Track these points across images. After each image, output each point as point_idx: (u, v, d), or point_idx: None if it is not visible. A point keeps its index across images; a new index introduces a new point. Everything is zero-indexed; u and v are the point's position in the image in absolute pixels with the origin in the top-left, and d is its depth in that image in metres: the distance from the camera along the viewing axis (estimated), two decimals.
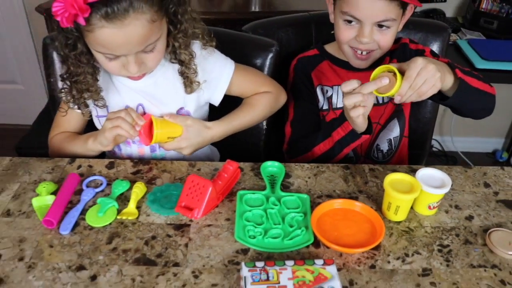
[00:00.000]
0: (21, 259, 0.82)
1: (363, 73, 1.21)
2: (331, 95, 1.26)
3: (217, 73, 1.14)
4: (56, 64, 1.29)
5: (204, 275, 0.79)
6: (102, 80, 1.08)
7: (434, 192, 0.89)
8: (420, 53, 1.23)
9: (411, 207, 0.93)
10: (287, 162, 1.07)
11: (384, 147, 1.29)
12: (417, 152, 1.46)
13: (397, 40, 1.25)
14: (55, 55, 1.28)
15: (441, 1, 2.26)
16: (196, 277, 0.79)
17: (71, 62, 0.99)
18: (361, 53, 1.16)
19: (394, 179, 0.91)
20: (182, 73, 1.08)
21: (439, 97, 1.05)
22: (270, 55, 1.29)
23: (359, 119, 1.02)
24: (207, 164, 1.07)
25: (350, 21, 1.12)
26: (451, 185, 0.93)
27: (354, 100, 0.98)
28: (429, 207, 0.92)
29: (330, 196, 0.97)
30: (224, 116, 1.16)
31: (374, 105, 1.12)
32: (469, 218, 0.94)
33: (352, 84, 0.98)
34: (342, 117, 1.09)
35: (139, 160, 1.08)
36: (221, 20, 1.93)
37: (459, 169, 1.07)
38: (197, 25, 1.05)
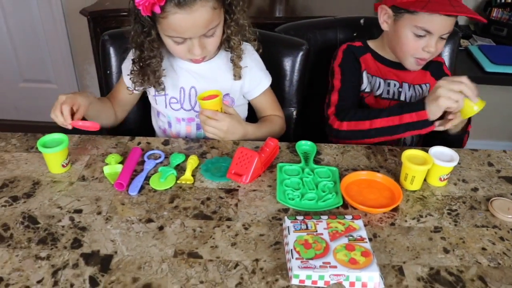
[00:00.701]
0: (99, 213, 0.98)
1: (401, 71, 1.38)
2: (372, 82, 1.39)
3: (261, 76, 1.35)
4: (112, 57, 1.47)
5: (253, 227, 0.95)
6: (164, 66, 1.26)
7: (444, 165, 1.05)
8: None
9: (425, 180, 1.08)
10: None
11: (407, 140, 1.46)
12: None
13: None
14: (111, 50, 1.46)
15: None
16: (246, 228, 0.95)
17: (146, 46, 1.18)
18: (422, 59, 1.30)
19: (411, 154, 1.07)
20: (232, 60, 1.26)
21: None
22: (301, 53, 1.46)
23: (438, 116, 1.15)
24: (249, 143, 1.23)
25: (421, 35, 1.24)
26: (459, 163, 1.09)
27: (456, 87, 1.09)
28: (440, 179, 1.07)
29: (355, 170, 1.12)
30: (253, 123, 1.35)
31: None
32: (475, 189, 1.09)
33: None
34: (419, 103, 1.16)
35: (190, 139, 1.25)
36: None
37: (466, 151, 1.23)
38: (250, 30, 1.25)
